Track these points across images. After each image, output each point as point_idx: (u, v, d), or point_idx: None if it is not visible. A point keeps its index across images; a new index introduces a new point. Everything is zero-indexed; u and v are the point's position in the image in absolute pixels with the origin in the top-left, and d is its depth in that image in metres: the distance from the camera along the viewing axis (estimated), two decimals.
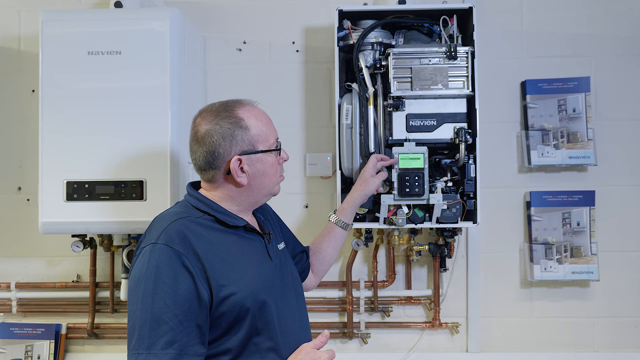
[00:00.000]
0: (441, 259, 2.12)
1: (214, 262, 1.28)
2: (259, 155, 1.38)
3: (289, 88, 2.21)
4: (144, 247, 1.29)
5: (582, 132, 2.11)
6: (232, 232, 1.37)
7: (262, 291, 1.34)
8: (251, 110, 1.40)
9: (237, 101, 1.41)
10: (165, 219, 1.33)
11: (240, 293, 1.29)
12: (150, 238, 1.29)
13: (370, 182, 1.74)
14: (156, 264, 1.24)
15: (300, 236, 2.20)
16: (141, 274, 1.25)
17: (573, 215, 2.11)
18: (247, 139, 1.36)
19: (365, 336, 2.17)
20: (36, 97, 1.95)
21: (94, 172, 1.82)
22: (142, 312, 1.22)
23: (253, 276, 1.33)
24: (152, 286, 1.23)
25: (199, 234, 1.30)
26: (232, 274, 1.30)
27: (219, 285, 1.27)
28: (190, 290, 1.24)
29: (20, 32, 2.23)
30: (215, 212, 1.36)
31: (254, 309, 1.31)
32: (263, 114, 1.42)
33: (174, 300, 1.22)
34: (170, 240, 1.26)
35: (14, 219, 2.22)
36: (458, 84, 1.87)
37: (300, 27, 2.21)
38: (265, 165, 1.39)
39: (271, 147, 1.41)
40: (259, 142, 1.38)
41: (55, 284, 2.20)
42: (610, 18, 2.17)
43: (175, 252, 1.25)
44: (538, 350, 2.17)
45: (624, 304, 2.17)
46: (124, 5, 1.97)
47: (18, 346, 2.13)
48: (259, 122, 1.39)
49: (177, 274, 1.24)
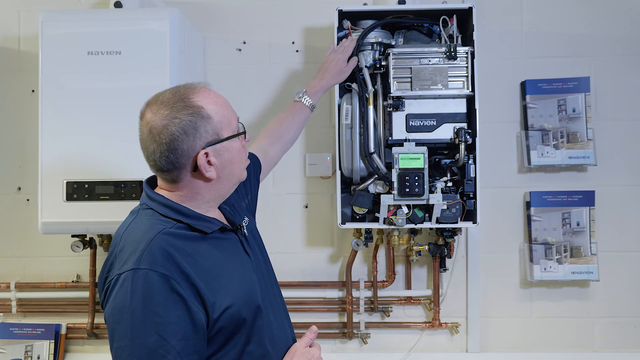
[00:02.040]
0: (441, 259, 2.12)
1: (204, 278, 1.16)
2: (225, 144, 1.22)
3: (289, 88, 2.21)
4: (122, 274, 1.12)
5: (582, 132, 2.11)
6: (208, 237, 1.23)
7: (254, 296, 1.25)
8: (207, 96, 1.23)
9: (188, 87, 1.24)
10: (140, 236, 1.17)
11: (236, 304, 1.19)
12: (127, 261, 1.13)
13: (345, 72, 1.85)
14: (142, 293, 1.10)
15: (300, 236, 2.21)
16: (124, 306, 1.10)
17: (573, 215, 2.11)
18: (210, 128, 1.20)
19: (365, 336, 2.17)
20: (36, 97, 1.96)
21: (94, 172, 1.82)
22: (134, 348, 1.09)
23: (242, 282, 1.24)
24: (141, 318, 1.09)
25: (181, 248, 1.16)
26: (224, 286, 1.19)
27: (213, 302, 1.16)
28: (183, 317, 1.11)
29: (20, 32, 2.23)
30: (188, 219, 1.21)
31: (250, 318, 1.22)
32: (219, 97, 1.26)
33: (168, 330, 1.09)
34: (154, 263, 1.11)
35: (14, 219, 2.22)
36: (458, 84, 1.87)
37: (300, 27, 2.21)
38: (232, 152, 1.24)
39: (235, 132, 1.25)
40: (223, 129, 1.22)
41: (55, 284, 2.19)
42: (610, 18, 2.17)
43: (163, 276, 1.11)
44: (538, 350, 2.17)
45: (624, 304, 2.17)
46: (124, 5, 1.97)
47: (18, 346, 2.13)
48: (218, 106, 1.23)
49: (168, 301, 1.10)
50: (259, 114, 2.21)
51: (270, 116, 2.18)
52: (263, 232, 1.61)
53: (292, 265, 2.19)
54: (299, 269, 2.19)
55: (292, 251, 2.20)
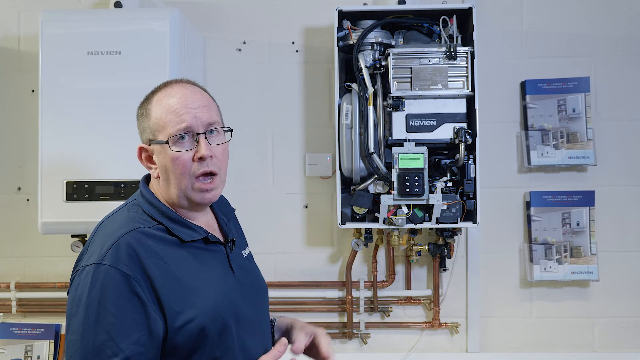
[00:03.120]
0: (441, 259, 2.12)
1: (168, 285, 1.10)
2: (158, 147, 1.17)
3: (289, 88, 2.21)
4: (86, 266, 1.09)
5: (582, 132, 2.11)
6: (188, 244, 1.17)
7: (223, 312, 1.15)
8: (169, 93, 1.18)
9: (174, 80, 1.23)
10: (113, 229, 1.13)
11: (199, 318, 1.10)
12: (93, 254, 1.10)
13: None
14: (100, 289, 1.05)
15: (300, 236, 2.21)
16: (81, 299, 1.06)
17: (573, 216, 2.11)
18: (147, 127, 1.18)
19: (365, 336, 2.17)
20: (36, 97, 1.95)
21: (93, 172, 1.82)
22: (82, 344, 1.05)
23: (214, 296, 1.15)
24: (94, 314, 1.05)
25: (152, 250, 1.11)
26: (189, 297, 1.11)
27: (174, 312, 1.09)
28: (139, 321, 1.06)
29: (20, 32, 2.23)
30: (168, 222, 1.16)
31: (213, 334, 1.12)
32: (180, 98, 1.17)
33: (120, 332, 1.04)
34: (118, 261, 1.07)
35: (14, 219, 2.22)
36: (458, 84, 1.87)
37: (300, 27, 2.21)
38: (166, 158, 1.16)
39: (163, 140, 1.16)
40: (157, 130, 1.17)
41: (55, 284, 2.19)
42: (610, 18, 2.17)
43: (123, 275, 1.06)
44: (538, 350, 2.17)
45: (624, 304, 2.17)
46: (124, 5, 1.97)
47: (18, 346, 2.13)
48: (162, 107, 1.17)
49: (125, 301, 1.05)
50: (259, 114, 2.21)
51: (270, 116, 2.18)
52: (263, 232, 1.61)
53: (292, 265, 2.19)
54: (299, 269, 2.19)
55: (292, 251, 2.20)
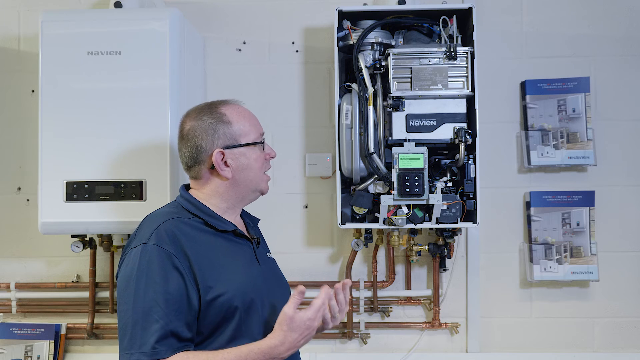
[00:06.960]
0: (441, 259, 2.12)
1: (203, 263, 1.29)
2: (242, 149, 1.39)
3: (289, 88, 2.21)
4: (134, 247, 1.29)
5: (582, 133, 2.11)
6: (221, 235, 1.37)
7: (251, 290, 1.34)
8: (235, 108, 1.43)
9: (223, 100, 1.44)
10: (156, 218, 1.34)
11: (229, 293, 1.29)
12: (140, 238, 1.30)
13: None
14: (147, 264, 1.25)
15: (300, 236, 2.21)
16: (132, 274, 1.26)
17: (573, 216, 2.11)
18: (229, 132, 1.38)
19: (365, 336, 2.17)
20: (36, 97, 1.96)
21: (93, 172, 1.81)
22: (133, 311, 1.24)
23: (242, 277, 1.34)
24: (143, 285, 1.24)
25: (189, 235, 1.31)
26: (221, 275, 1.31)
27: (207, 287, 1.28)
28: (180, 291, 1.25)
29: (20, 32, 2.23)
30: (204, 215, 1.37)
31: (242, 309, 1.31)
32: (247, 112, 1.45)
33: (165, 299, 1.23)
34: (161, 241, 1.27)
35: (13, 219, 2.22)
36: (458, 84, 1.87)
37: (300, 27, 2.21)
38: (249, 159, 1.40)
39: (254, 142, 1.42)
40: (241, 136, 1.40)
41: (54, 284, 2.19)
42: (610, 18, 2.17)
43: (166, 252, 1.26)
44: (538, 350, 2.17)
45: (624, 304, 2.17)
46: (124, 5, 1.97)
47: (18, 346, 2.13)
48: (241, 117, 1.41)
49: (168, 273, 1.25)
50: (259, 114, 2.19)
51: (270, 116, 2.18)
52: (263, 232, 1.62)
53: (292, 265, 2.18)
54: (299, 269, 2.19)
55: (292, 251, 2.20)
